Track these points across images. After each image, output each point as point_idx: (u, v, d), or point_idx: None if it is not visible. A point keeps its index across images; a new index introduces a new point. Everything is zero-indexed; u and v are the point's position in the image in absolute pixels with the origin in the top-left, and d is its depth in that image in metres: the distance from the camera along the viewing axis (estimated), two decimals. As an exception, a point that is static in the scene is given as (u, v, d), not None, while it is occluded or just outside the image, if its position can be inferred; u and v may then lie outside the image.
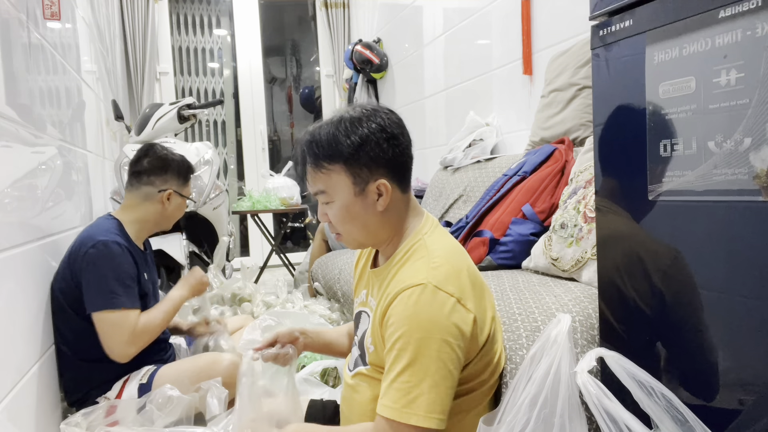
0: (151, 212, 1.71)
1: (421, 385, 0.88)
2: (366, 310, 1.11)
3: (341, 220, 1.03)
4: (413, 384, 0.89)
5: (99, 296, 1.49)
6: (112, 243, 1.55)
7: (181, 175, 1.76)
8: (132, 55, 4.02)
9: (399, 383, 0.90)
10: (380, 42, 4.16)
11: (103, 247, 1.52)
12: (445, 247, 1.01)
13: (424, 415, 0.88)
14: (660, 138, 0.87)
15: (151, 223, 1.73)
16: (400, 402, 0.89)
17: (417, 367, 0.89)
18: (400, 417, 0.89)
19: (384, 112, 1.02)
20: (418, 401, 0.88)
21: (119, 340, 1.50)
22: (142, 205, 1.71)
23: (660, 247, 0.89)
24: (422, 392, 0.88)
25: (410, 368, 0.89)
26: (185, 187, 1.79)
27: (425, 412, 0.88)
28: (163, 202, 1.71)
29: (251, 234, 4.81)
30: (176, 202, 1.75)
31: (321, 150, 1.00)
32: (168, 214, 1.75)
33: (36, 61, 1.62)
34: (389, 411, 0.90)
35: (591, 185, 1.48)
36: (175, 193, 1.74)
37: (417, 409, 0.88)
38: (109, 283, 1.50)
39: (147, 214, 1.71)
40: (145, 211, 1.71)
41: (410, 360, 0.89)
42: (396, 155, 1.01)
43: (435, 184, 2.85)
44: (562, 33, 2.18)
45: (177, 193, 1.75)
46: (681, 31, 0.83)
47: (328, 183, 1.01)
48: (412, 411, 0.88)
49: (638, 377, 0.83)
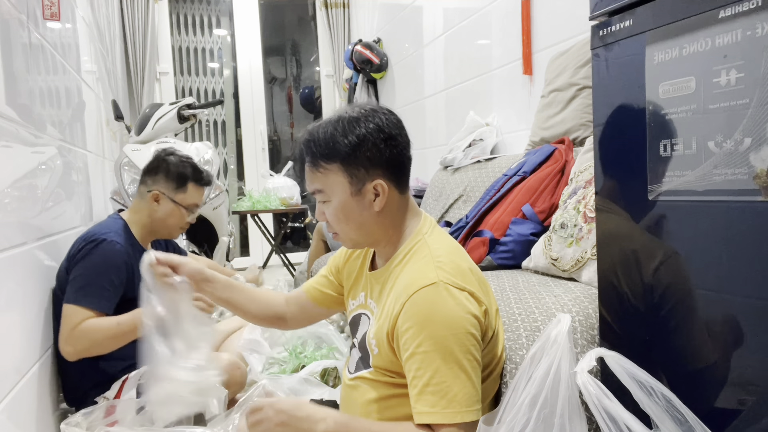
0: (145, 213, 1.70)
1: (457, 382, 0.89)
2: (366, 312, 1.10)
3: (338, 219, 1.03)
4: (449, 383, 0.89)
5: (70, 290, 1.49)
6: (109, 242, 1.54)
7: (171, 178, 1.70)
8: (132, 55, 4.02)
9: (433, 386, 0.89)
10: (380, 42, 4.16)
11: (95, 245, 1.52)
12: (446, 247, 1.02)
13: (467, 410, 0.89)
14: (660, 138, 0.87)
15: (147, 225, 1.70)
16: (440, 404, 0.89)
17: (449, 365, 0.89)
18: (444, 419, 0.89)
19: (383, 113, 1.02)
20: (458, 398, 0.89)
21: (62, 334, 1.47)
22: (138, 205, 1.71)
23: (660, 247, 0.89)
24: (460, 389, 0.89)
25: (442, 368, 0.89)
26: (179, 193, 1.70)
27: (467, 407, 0.89)
28: (151, 203, 1.68)
29: (251, 234, 4.81)
30: (166, 206, 1.69)
31: (318, 149, 1.00)
32: (158, 217, 1.69)
33: (36, 61, 1.62)
34: (431, 416, 0.90)
35: (591, 185, 1.48)
36: (164, 197, 1.68)
37: (458, 406, 0.89)
38: (82, 280, 1.49)
39: (142, 215, 1.70)
40: (140, 211, 1.71)
41: (441, 360, 0.89)
42: (393, 156, 1.01)
43: (435, 184, 2.85)
44: (562, 33, 2.18)
45: (166, 197, 1.69)
46: (681, 31, 0.83)
47: (325, 182, 1.01)
48: (455, 410, 0.89)
49: (638, 377, 0.83)
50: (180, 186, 1.71)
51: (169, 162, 1.72)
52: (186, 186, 1.72)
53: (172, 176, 1.70)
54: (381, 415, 1.02)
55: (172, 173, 1.70)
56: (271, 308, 1.26)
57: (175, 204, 1.70)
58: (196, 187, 1.74)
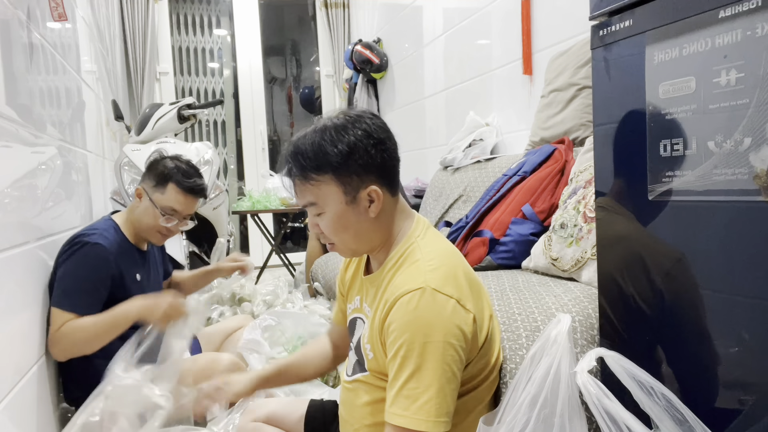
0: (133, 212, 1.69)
1: (429, 391, 0.88)
2: (361, 316, 1.10)
3: (334, 230, 1.01)
4: (421, 390, 0.89)
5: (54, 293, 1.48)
6: (92, 245, 1.52)
7: (152, 174, 1.66)
8: (132, 55, 4.02)
9: (407, 390, 0.89)
10: (380, 42, 4.16)
11: (79, 247, 1.51)
12: (438, 249, 1.00)
13: (435, 420, 0.88)
14: (660, 138, 0.87)
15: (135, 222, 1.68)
16: (411, 409, 0.89)
17: (423, 372, 0.89)
18: (410, 424, 0.89)
19: (368, 117, 1.00)
20: (427, 407, 0.88)
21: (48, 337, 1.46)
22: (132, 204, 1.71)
23: (660, 247, 0.89)
24: (430, 397, 0.88)
25: (416, 374, 0.89)
26: (157, 192, 1.64)
27: (435, 417, 0.88)
28: (135, 199, 1.67)
29: (251, 234, 4.81)
30: (144, 204, 1.65)
31: (308, 161, 0.97)
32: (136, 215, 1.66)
33: (36, 61, 1.62)
34: (400, 419, 0.90)
35: (591, 185, 1.48)
36: (145, 194, 1.65)
37: (427, 414, 0.88)
38: (64, 283, 1.48)
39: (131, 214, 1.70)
40: (131, 210, 1.70)
41: (416, 366, 0.89)
42: (384, 160, 0.99)
43: (435, 184, 2.85)
44: (562, 33, 2.18)
45: (146, 193, 1.65)
46: (681, 31, 0.83)
47: (318, 194, 0.99)
48: (422, 417, 0.88)
49: (638, 377, 0.83)
50: (159, 184, 1.65)
51: (160, 161, 1.69)
52: (165, 186, 1.65)
53: (154, 173, 1.66)
54: (376, 417, 1.02)
55: (155, 170, 1.67)
56: (323, 357, 1.29)
57: (150, 203, 1.64)
58: (177, 191, 1.65)
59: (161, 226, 1.66)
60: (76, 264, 1.50)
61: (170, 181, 1.65)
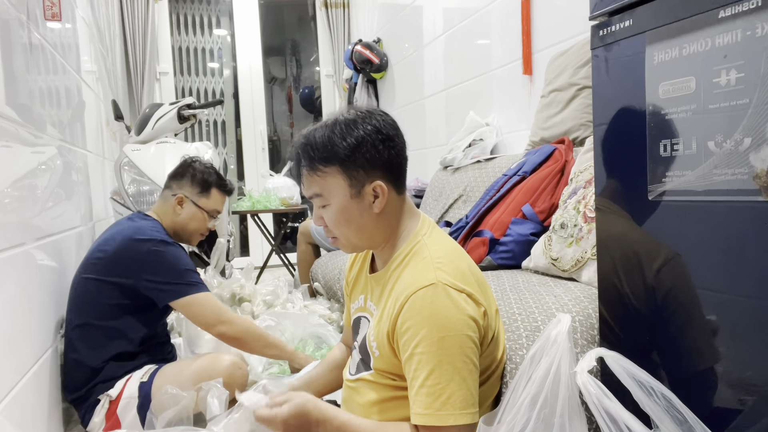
0: (169, 216, 1.75)
1: (451, 384, 0.89)
2: (365, 315, 1.10)
3: (337, 223, 1.02)
4: (443, 385, 0.89)
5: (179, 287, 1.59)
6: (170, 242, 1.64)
7: (196, 182, 1.76)
8: (132, 55, 4.02)
9: (428, 387, 0.89)
10: (380, 42, 4.16)
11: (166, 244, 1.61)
12: (445, 248, 1.01)
13: (460, 412, 0.89)
14: (660, 138, 0.87)
15: (170, 228, 1.75)
16: (434, 406, 0.89)
17: (444, 367, 0.89)
18: (437, 421, 0.89)
19: (378, 114, 1.01)
20: (452, 400, 0.89)
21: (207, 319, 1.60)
22: (162, 209, 1.77)
23: (660, 247, 0.89)
24: (454, 391, 0.89)
25: (437, 369, 0.89)
26: (203, 197, 1.76)
27: (460, 410, 0.89)
28: (175, 207, 1.74)
29: (251, 234, 4.81)
30: (189, 210, 1.75)
31: (316, 152, 0.99)
32: (180, 221, 1.75)
33: (36, 61, 1.62)
34: (424, 418, 0.90)
35: (591, 185, 1.48)
36: (188, 200, 1.74)
37: (452, 408, 0.88)
38: (185, 275, 1.60)
39: (165, 217, 1.75)
40: (164, 213, 1.76)
41: (437, 361, 0.89)
42: (392, 156, 1.01)
43: (435, 184, 2.85)
44: (562, 33, 2.18)
45: (191, 201, 1.75)
46: (681, 31, 0.83)
47: (324, 186, 1.00)
48: (448, 412, 0.88)
49: (638, 377, 0.83)
50: (204, 191, 1.77)
51: (195, 167, 1.78)
52: (209, 191, 1.77)
53: (197, 181, 1.77)
54: (381, 416, 1.02)
55: (197, 178, 1.77)
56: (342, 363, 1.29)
57: (197, 208, 1.76)
58: (219, 194, 1.80)
59: (206, 228, 1.81)
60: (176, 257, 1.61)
61: (213, 186, 1.79)
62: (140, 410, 1.52)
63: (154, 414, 1.46)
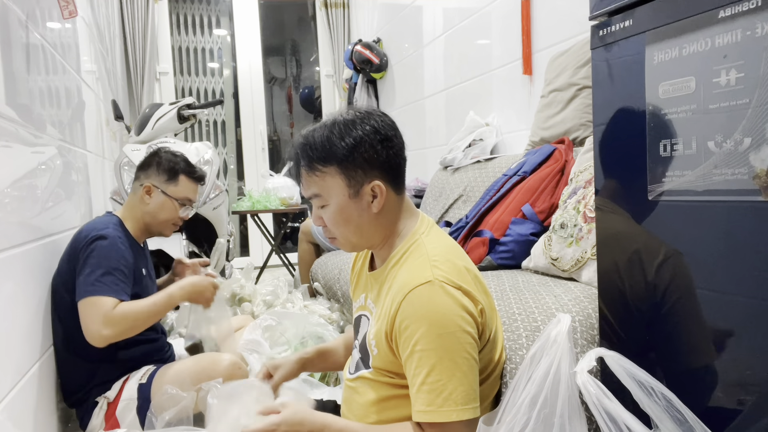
0: (137, 208, 1.70)
1: (453, 380, 0.89)
2: (365, 313, 1.10)
3: (336, 222, 1.03)
4: (444, 381, 0.89)
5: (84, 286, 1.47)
6: (112, 237, 1.55)
7: (162, 169, 1.71)
8: (132, 55, 4.02)
9: (429, 384, 0.90)
10: (380, 42, 4.16)
11: (101, 239, 1.53)
12: (443, 246, 1.02)
13: (462, 408, 0.89)
14: (660, 138, 0.87)
15: (140, 220, 1.71)
16: (436, 402, 0.89)
17: (445, 363, 0.89)
18: (440, 417, 0.89)
19: (377, 115, 1.02)
20: (453, 396, 0.89)
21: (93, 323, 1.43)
22: (132, 201, 1.73)
23: (660, 247, 0.89)
24: (455, 387, 0.89)
25: (438, 366, 0.89)
26: (171, 185, 1.71)
27: (462, 405, 0.89)
28: (143, 197, 1.69)
29: (251, 234, 4.81)
30: (158, 199, 1.69)
31: (315, 152, 1.00)
32: (149, 211, 1.69)
33: (36, 61, 1.62)
34: (427, 415, 0.90)
35: (591, 185, 1.48)
36: (156, 189, 1.69)
37: (454, 404, 0.89)
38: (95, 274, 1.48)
39: (135, 210, 1.71)
40: (133, 206, 1.72)
41: (437, 358, 0.89)
42: (390, 157, 1.01)
43: (435, 184, 2.85)
44: (562, 33, 2.18)
45: (159, 189, 1.69)
46: (681, 31, 0.83)
47: (323, 186, 1.01)
48: (450, 408, 0.89)
49: (638, 377, 0.83)
50: (171, 178, 1.72)
51: (161, 155, 1.74)
52: (177, 178, 1.72)
53: (163, 168, 1.72)
54: (380, 415, 1.02)
55: (163, 166, 1.72)
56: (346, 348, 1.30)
57: (166, 197, 1.70)
58: (188, 181, 1.74)
59: (177, 217, 1.74)
60: (102, 255, 1.51)
61: (180, 173, 1.73)
62: (140, 412, 1.51)
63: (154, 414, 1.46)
